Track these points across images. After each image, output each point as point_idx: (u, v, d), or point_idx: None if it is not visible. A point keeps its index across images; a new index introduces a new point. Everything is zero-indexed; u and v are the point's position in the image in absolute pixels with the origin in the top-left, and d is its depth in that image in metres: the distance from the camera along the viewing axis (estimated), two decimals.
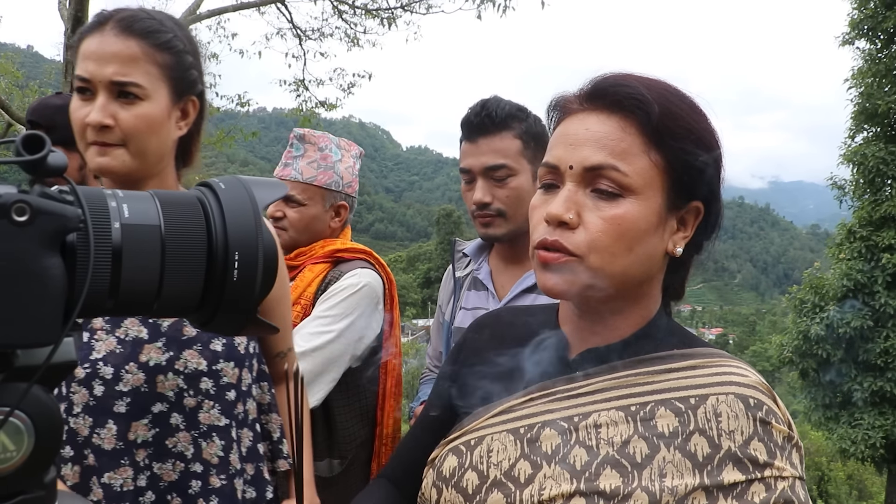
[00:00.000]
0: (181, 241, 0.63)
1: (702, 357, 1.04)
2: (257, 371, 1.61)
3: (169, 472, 1.41)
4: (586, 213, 0.99)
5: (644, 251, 1.01)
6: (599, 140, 0.99)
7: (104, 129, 1.37)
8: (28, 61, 26.25)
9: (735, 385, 0.99)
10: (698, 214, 1.05)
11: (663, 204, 1.01)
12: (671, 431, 0.97)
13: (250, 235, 0.64)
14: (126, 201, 0.62)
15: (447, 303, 2.18)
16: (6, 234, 0.51)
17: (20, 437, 0.57)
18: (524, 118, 1.93)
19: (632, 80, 1.02)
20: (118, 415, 1.37)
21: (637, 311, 1.08)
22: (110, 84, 1.36)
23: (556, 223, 1.00)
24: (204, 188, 0.68)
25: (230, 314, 0.65)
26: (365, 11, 11.13)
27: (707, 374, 1.01)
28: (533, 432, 1.05)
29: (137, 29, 1.38)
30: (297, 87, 11.97)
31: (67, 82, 7.72)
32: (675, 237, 1.04)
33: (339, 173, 2.34)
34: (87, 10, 7.75)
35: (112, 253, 0.59)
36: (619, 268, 1.00)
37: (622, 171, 0.98)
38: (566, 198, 1.00)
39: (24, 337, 0.53)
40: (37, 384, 0.58)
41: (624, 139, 0.99)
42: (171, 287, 0.62)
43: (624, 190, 0.98)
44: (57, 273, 0.54)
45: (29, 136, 0.55)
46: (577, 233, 0.99)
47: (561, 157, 1.02)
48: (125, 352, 1.39)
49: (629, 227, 0.98)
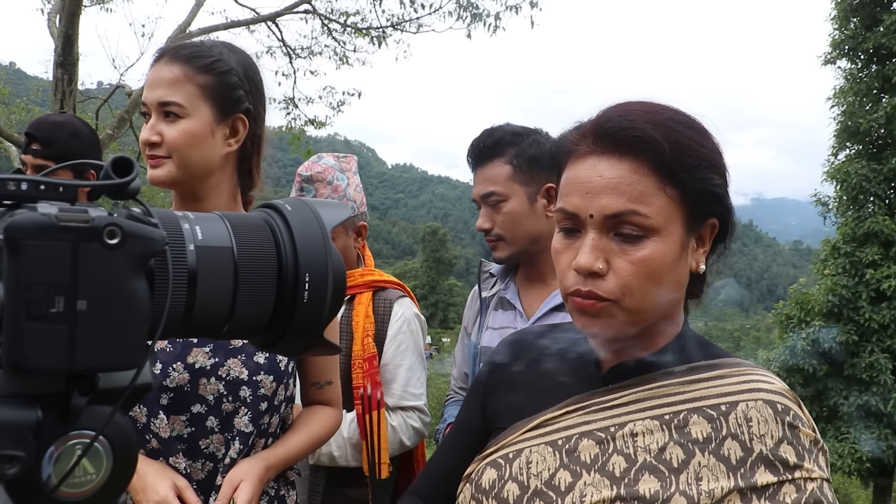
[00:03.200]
0: (253, 262, 0.63)
1: (728, 367, 1.08)
2: (290, 391, 1.67)
3: (198, 471, 1.53)
4: (614, 259, 1.01)
5: (673, 280, 1.04)
6: (616, 186, 1.00)
7: (153, 145, 1.53)
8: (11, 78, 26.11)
9: (763, 392, 1.03)
10: (714, 229, 1.08)
11: (683, 232, 1.03)
12: (705, 437, 1.01)
13: (320, 256, 0.64)
14: (198, 223, 0.62)
15: (473, 323, 2.19)
16: (98, 257, 0.52)
17: (99, 461, 0.57)
18: (517, 142, 1.98)
19: (636, 118, 1.02)
20: (164, 406, 1.50)
21: (665, 327, 1.11)
22: (158, 105, 1.52)
23: (586, 273, 1.02)
24: (269, 210, 0.68)
25: (298, 335, 0.65)
26: (355, 30, 11.17)
27: (735, 383, 1.05)
28: (571, 443, 1.08)
29: (181, 55, 1.54)
30: (287, 104, 11.97)
31: (57, 99, 7.69)
32: (696, 255, 1.07)
33: (351, 197, 2.36)
34: (78, 28, 7.74)
35: (188, 275, 0.60)
36: (652, 302, 1.03)
37: (643, 213, 0.99)
38: (592, 247, 1.02)
39: (111, 361, 0.53)
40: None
41: (639, 182, 1.00)
42: (242, 309, 0.63)
43: (647, 231, 1.00)
44: (144, 296, 0.54)
45: (118, 159, 0.55)
46: (608, 279, 1.01)
47: (579, 206, 1.03)
48: (174, 351, 1.52)
49: (657, 266, 1.01)
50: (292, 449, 1.64)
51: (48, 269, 0.50)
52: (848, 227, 15.50)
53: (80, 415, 0.55)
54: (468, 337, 2.21)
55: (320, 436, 1.71)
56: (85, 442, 0.55)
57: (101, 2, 11.55)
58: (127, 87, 11.15)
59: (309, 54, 11.70)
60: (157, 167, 1.54)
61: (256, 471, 1.51)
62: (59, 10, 8.60)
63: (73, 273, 0.51)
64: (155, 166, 1.54)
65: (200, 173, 1.57)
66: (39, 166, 2.36)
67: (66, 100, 7.73)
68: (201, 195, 1.58)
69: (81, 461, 0.55)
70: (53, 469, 0.54)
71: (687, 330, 1.14)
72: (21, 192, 0.55)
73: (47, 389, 0.53)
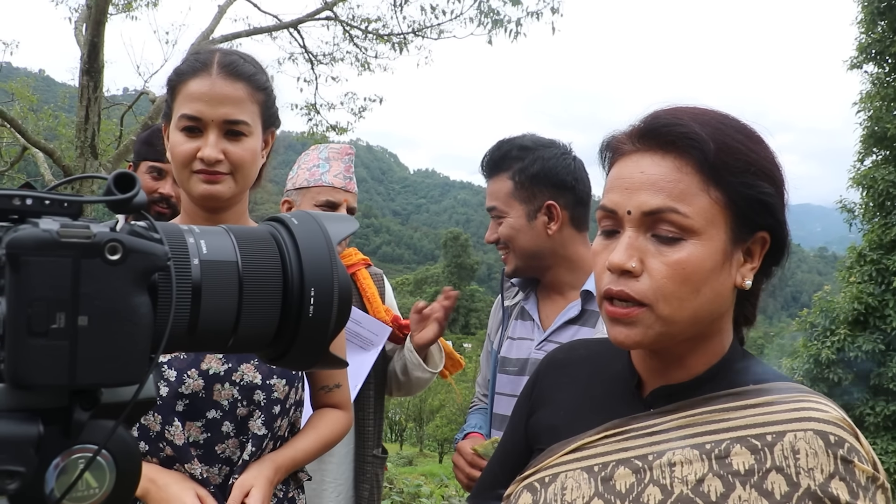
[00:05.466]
0: (258, 277, 0.62)
1: (778, 392, 1.01)
2: (299, 395, 1.69)
3: (215, 475, 1.54)
4: (649, 260, 0.98)
5: (712, 291, 0.98)
6: (656, 183, 0.97)
7: (215, 161, 1.52)
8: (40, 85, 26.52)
9: (814, 421, 0.95)
10: (765, 244, 1.03)
11: (727, 240, 0.98)
12: (747, 469, 0.94)
13: (326, 271, 0.64)
14: (203, 237, 0.62)
15: (496, 332, 2.20)
16: (99, 273, 0.52)
17: (102, 475, 0.57)
18: (522, 157, 1.97)
19: (684, 117, 0.99)
20: (179, 413, 1.52)
21: (710, 347, 1.05)
22: (222, 123, 1.52)
23: (619, 272, 0.99)
24: (276, 223, 0.68)
25: (304, 350, 0.65)
26: (377, 36, 11.22)
27: (784, 410, 0.98)
28: (607, 471, 1.03)
29: (243, 72, 1.55)
30: (309, 111, 12.05)
31: (83, 106, 7.79)
32: (742, 270, 1.02)
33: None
34: (103, 36, 7.84)
35: (192, 290, 0.59)
36: (689, 312, 0.98)
37: (682, 212, 0.96)
38: (627, 245, 0.98)
39: (113, 376, 0.53)
40: None
41: (681, 180, 0.97)
42: (247, 324, 0.62)
43: (685, 232, 0.96)
44: (146, 311, 0.54)
45: (120, 175, 0.55)
46: (642, 280, 0.97)
47: (618, 203, 1.00)
48: (188, 358, 1.54)
49: (694, 270, 0.96)
50: (300, 451, 1.66)
51: (49, 284, 0.50)
52: (874, 233, 15.32)
53: (82, 429, 0.55)
54: (491, 344, 2.22)
55: (329, 438, 1.73)
56: (87, 456, 0.55)
57: (126, 10, 11.69)
58: (151, 93, 11.28)
59: (331, 60, 11.76)
60: (216, 183, 1.54)
61: (266, 474, 1.53)
62: (85, 18, 8.72)
63: (75, 289, 0.51)
64: (214, 182, 1.54)
65: (246, 187, 1.61)
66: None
67: (91, 106, 7.84)
68: (231, 205, 1.61)
69: (84, 475, 0.55)
70: (56, 483, 0.54)
71: (736, 352, 1.07)
72: (26, 207, 0.55)
73: (49, 404, 0.53)
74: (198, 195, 1.55)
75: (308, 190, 2.36)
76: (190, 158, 1.53)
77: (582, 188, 1.99)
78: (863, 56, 16.21)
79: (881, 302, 14.74)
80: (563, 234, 1.96)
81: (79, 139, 8.02)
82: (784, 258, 1.07)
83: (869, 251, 15.30)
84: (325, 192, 2.34)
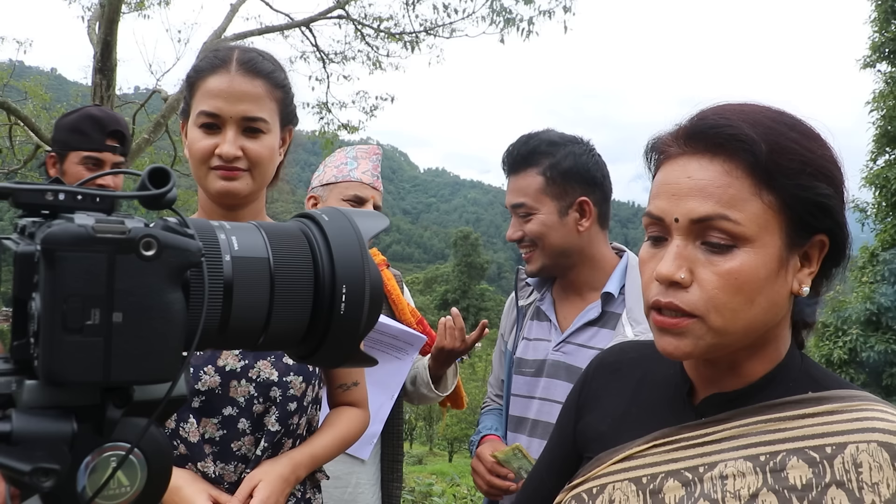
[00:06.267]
0: (289, 274, 0.62)
1: (840, 400, 0.94)
2: (317, 392, 1.70)
3: (230, 473, 1.54)
4: (699, 270, 0.92)
5: (767, 300, 0.93)
6: (704, 188, 0.92)
7: (234, 158, 1.52)
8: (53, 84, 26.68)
9: (879, 432, 0.89)
10: (823, 247, 0.97)
11: (783, 245, 0.93)
12: (804, 484, 0.89)
13: (357, 268, 0.63)
14: (234, 233, 0.62)
15: (509, 332, 2.17)
16: (134, 269, 0.51)
17: (134, 473, 0.56)
18: (553, 153, 1.93)
19: (733, 117, 0.94)
20: (195, 409, 1.52)
21: (766, 354, 1.00)
22: (241, 120, 1.53)
23: (667, 283, 0.94)
24: (306, 220, 0.67)
25: (334, 348, 0.64)
26: (388, 35, 11.21)
27: (846, 420, 0.92)
28: (656, 483, 1.00)
29: (262, 70, 1.55)
30: (321, 109, 12.05)
31: (95, 104, 7.81)
32: (799, 275, 0.96)
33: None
34: (116, 34, 7.86)
35: (223, 287, 0.59)
36: (743, 322, 0.92)
37: (733, 219, 0.90)
38: (676, 254, 0.93)
39: (146, 373, 0.53)
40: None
41: (731, 184, 0.91)
42: (278, 321, 0.62)
43: (737, 240, 0.91)
44: (179, 308, 0.53)
45: (155, 169, 0.55)
46: (692, 291, 0.92)
47: (665, 210, 0.95)
48: (205, 355, 1.53)
49: (747, 280, 0.91)
50: (319, 448, 1.65)
51: (84, 280, 0.50)
52: (887, 233, 15.24)
53: (115, 427, 0.55)
54: (504, 344, 2.19)
55: (348, 436, 1.72)
56: (120, 454, 0.54)
57: (138, 8, 11.72)
58: (163, 91, 11.30)
59: (342, 59, 11.76)
60: (234, 180, 1.54)
61: (278, 470, 1.52)
62: (98, 17, 8.74)
63: (110, 285, 0.50)
64: (231, 179, 1.54)
65: (264, 184, 1.62)
66: (118, 164, 2.39)
67: (103, 104, 7.86)
68: (249, 202, 1.62)
69: (116, 473, 0.55)
70: (88, 481, 0.54)
71: (793, 357, 1.01)
72: (59, 203, 0.54)
73: (83, 401, 0.53)
74: (215, 191, 1.56)
75: (336, 185, 2.35)
76: (208, 155, 1.54)
77: (608, 185, 1.97)
78: (876, 55, 16.11)
79: (894, 302, 14.64)
80: (591, 231, 1.94)
81: None
82: (845, 260, 1.00)
83: (881, 251, 15.21)
84: (353, 187, 2.34)
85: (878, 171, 15.61)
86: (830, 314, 15.67)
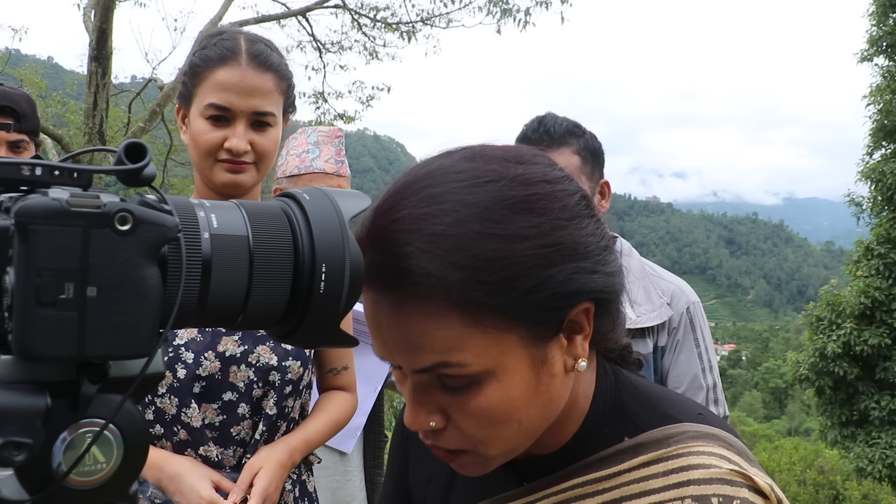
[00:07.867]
0: (268, 252, 0.61)
1: (656, 446, 0.84)
2: (310, 377, 1.72)
3: (230, 457, 1.56)
4: (449, 411, 0.79)
5: (539, 405, 0.80)
6: (409, 340, 0.76)
7: (243, 152, 1.54)
8: (49, 72, 26.52)
9: (693, 485, 0.79)
10: (589, 312, 0.80)
11: (531, 353, 0.77)
12: None
13: (338, 247, 0.63)
14: (213, 211, 0.61)
15: None
16: (109, 243, 0.51)
17: (110, 449, 0.56)
18: (581, 134, 1.92)
19: (409, 233, 0.74)
20: (196, 395, 1.54)
21: (569, 418, 0.88)
22: (252, 114, 1.54)
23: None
24: (287, 199, 0.67)
25: (314, 327, 0.64)
26: (385, 25, 11.19)
27: (662, 473, 0.81)
28: None
29: (271, 63, 1.57)
30: (317, 99, 12.03)
31: (91, 92, 7.79)
32: (570, 350, 0.81)
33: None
34: (112, 22, 7.83)
35: (202, 264, 0.59)
36: (522, 438, 0.82)
37: (455, 363, 0.75)
38: (417, 402, 0.80)
39: (121, 348, 0.52)
40: None
41: (434, 326, 0.74)
42: (257, 299, 0.61)
43: (473, 376, 0.76)
44: (155, 284, 0.53)
45: (131, 144, 0.54)
46: (450, 432, 0.80)
47: (396, 359, 0.80)
48: (205, 340, 1.55)
49: (504, 409, 0.77)
50: (312, 433, 1.67)
51: (58, 254, 0.49)
52: (882, 227, 15.25)
53: (90, 403, 0.54)
54: None
55: (339, 420, 1.74)
56: (95, 430, 0.54)
57: None
58: (159, 80, 11.27)
59: (339, 49, 11.75)
60: (241, 172, 1.56)
61: (277, 456, 1.54)
62: (94, 5, 8.71)
63: (84, 259, 0.50)
64: (239, 171, 1.56)
65: (266, 174, 1.64)
66: (16, 142, 2.22)
67: (99, 93, 7.84)
68: (249, 192, 1.64)
69: (91, 449, 0.55)
70: (64, 457, 0.54)
71: (604, 398, 0.89)
72: (35, 178, 0.54)
73: (57, 377, 0.53)
74: (221, 183, 1.57)
75: (299, 178, 2.28)
76: (216, 147, 1.54)
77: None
78: (874, 49, 16.08)
79: (888, 296, 14.67)
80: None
81: (87, 126, 8.04)
82: (615, 306, 0.85)
83: (876, 245, 15.22)
84: (316, 178, 2.27)
85: (875, 165, 15.60)
86: (825, 308, 15.69)
